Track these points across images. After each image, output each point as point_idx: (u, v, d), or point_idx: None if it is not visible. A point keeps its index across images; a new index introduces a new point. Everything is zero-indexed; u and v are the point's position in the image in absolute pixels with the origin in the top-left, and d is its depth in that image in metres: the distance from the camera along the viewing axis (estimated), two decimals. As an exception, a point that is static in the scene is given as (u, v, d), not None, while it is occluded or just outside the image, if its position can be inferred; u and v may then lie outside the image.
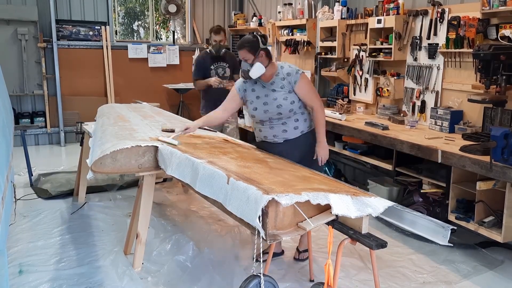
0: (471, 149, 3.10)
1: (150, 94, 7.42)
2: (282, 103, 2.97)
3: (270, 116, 3.02)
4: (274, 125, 3.06)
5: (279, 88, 2.99)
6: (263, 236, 2.01)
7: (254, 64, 2.93)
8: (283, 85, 2.98)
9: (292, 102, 2.99)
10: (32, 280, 2.93)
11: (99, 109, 4.48)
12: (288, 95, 2.98)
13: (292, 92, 2.99)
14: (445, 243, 1.94)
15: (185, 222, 3.96)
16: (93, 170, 2.73)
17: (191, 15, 8.00)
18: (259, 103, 3.03)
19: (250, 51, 2.94)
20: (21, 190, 4.71)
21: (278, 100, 2.97)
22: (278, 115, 3.00)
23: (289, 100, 2.98)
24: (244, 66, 2.98)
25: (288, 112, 2.99)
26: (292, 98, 2.99)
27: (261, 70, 2.94)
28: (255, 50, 2.94)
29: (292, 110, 2.99)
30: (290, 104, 2.98)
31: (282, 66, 3.04)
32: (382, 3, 4.52)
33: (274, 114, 3.00)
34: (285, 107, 2.97)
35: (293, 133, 3.05)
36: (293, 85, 2.98)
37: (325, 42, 5.37)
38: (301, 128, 3.07)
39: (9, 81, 5.88)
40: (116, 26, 7.97)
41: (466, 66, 3.81)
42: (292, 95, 2.99)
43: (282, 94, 2.98)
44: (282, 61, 3.07)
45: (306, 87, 3.02)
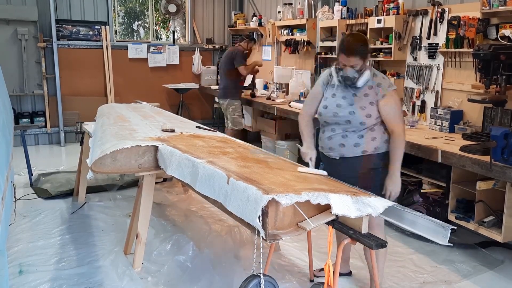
0: (471, 149, 3.10)
1: (150, 94, 7.42)
2: (356, 111, 2.58)
3: (337, 120, 2.63)
4: (334, 135, 2.66)
5: (362, 95, 2.61)
6: (263, 236, 2.01)
7: (363, 73, 2.57)
8: (368, 93, 2.60)
9: (369, 115, 2.58)
10: (32, 280, 2.93)
11: (99, 109, 4.48)
12: (368, 106, 2.58)
13: (375, 105, 2.59)
14: (445, 243, 1.94)
15: (185, 222, 3.96)
16: (93, 170, 2.73)
17: (191, 15, 8.00)
18: (332, 102, 2.67)
19: (361, 58, 2.57)
20: (21, 190, 4.71)
21: (354, 107, 2.59)
22: (346, 122, 2.61)
23: (366, 112, 2.58)
24: (350, 73, 2.57)
25: (358, 124, 2.58)
26: (371, 111, 2.58)
27: (368, 78, 2.59)
28: (366, 57, 2.60)
29: (363, 123, 2.58)
30: (365, 117, 2.57)
31: (375, 74, 2.66)
32: (382, 3, 4.52)
33: (342, 120, 2.61)
34: (357, 117, 2.58)
35: (351, 150, 2.62)
36: (379, 98, 2.58)
37: (325, 42, 5.37)
38: (364, 147, 2.61)
39: (9, 81, 5.87)
40: (116, 26, 7.97)
41: (466, 66, 3.81)
42: (373, 108, 2.59)
43: (362, 103, 2.59)
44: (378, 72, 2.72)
45: (394, 105, 2.60)
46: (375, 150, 2.63)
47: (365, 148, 2.62)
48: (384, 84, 2.60)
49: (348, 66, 2.58)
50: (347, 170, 2.63)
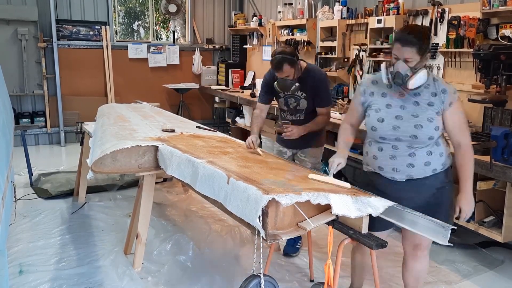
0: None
1: (150, 94, 7.41)
2: (424, 124, 2.20)
3: (400, 136, 2.24)
4: (399, 154, 2.27)
5: (425, 104, 2.22)
6: (263, 236, 2.01)
7: (418, 72, 2.16)
8: (433, 102, 2.22)
9: (437, 128, 2.23)
10: (32, 280, 2.93)
11: (99, 109, 4.48)
12: (435, 116, 2.22)
13: (440, 115, 2.23)
14: (445, 243, 1.94)
15: (185, 222, 3.96)
16: (93, 170, 2.73)
17: (191, 15, 8.00)
18: (390, 114, 2.27)
19: (418, 51, 2.15)
20: (21, 190, 4.71)
21: (419, 118, 2.21)
22: (411, 137, 2.22)
23: (434, 124, 2.21)
24: (402, 69, 2.16)
25: (426, 139, 2.22)
26: (438, 123, 2.23)
27: (423, 81, 2.19)
28: (423, 52, 2.17)
29: (432, 138, 2.23)
30: (434, 130, 2.22)
31: (435, 78, 2.28)
32: (382, 3, 4.52)
33: (407, 135, 2.23)
34: (426, 131, 2.21)
35: (421, 171, 2.27)
36: (446, 107, 2.22)
37: (325, 42, 5.37)
38: (434, 165, 2.28)
39: (9, 81, 5.87)
40: (116, 26, 7.97)
41: (466, 66, 3.81)
42: (439, 119, 2.23)
43: (429, 114, 2.21)
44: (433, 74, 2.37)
45: (461, 115, 2.26)
46: (442, 167, 2.32)
47: (435, 166, 2.28)
48: (449, 90, 2.23)
49: (401, 60, 2.18)
50: (413, 192, 2.30)
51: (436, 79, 2.28)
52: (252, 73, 7.49)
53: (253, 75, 7.41)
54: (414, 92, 2.23)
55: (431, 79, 2.26)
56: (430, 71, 2.34)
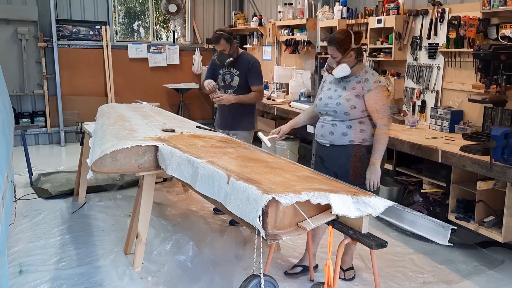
0: (471, 149, 3.10)
1: (150, 94, 7.42)
2: (341, 102, 2.83)
3: (327, 110, 2.90)
4: (325, 123, 2.94)
5: (350, 88, 2.85)
6: (263, 236, 2.01)
7: (340, 64, 2.82)
8: (355, 87, 2.84)
9: (353, 106, 2.81)
10: (32, 280, 2.93)
11: (99, 109, 4.48)
12: (353, 98, 2.82)
13: (361, 98, 2.81)
14: (445, 243, 1.94)
15: (185, 222, 3.96)
16: (93, 170, 2.73)
17: (191, 15, 8.00)
18: (326, 94, 2.96)
19: (339, 49, 2.81)
20: (21, 190, 4.71)
21: (340, 98, 2.85)
22: (333, 112, 2.87)
23: (351, 103, 2.81)
24: (330, 63, 2.89)
25: (343, 114, 2.83)
26: (356, 103, 2.81)
27: (345, 72, 2.82)
28: (345, 49, 2.81)
29: (348, 114, 2.81)
30: (349, 108, 2.81)
31: (367, 71, 2.87)
32: (382, 3, 4.52)
33: (331, 109, 2.88)
34: (343, 107, 2.82)
35: (339, 139, 2.86)
36: (365, 92, 2.80)
37: (326, 42, 5.36)
38: (351, 137, 2.84)
39: (9, 81, 5.87)
40: (116, 26, 7.97)
41: (466, 66, 3.81)
42: (359, 101, 2.81)
43: (348, 95, 2.83)
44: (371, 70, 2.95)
45: (377, 100, 2.79)
46: (362, 142, 2.86)
47: (353, 138, 2.85)
48: (371, 80, 2.81)
49: (330, 56, 2.89)
50: (335, 156, 2.90)
51: (367, 72, 2.87)
52: (252, 73, 7.48)
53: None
54: (345, 80, 2.89)
55: (364, 71, 2.87)
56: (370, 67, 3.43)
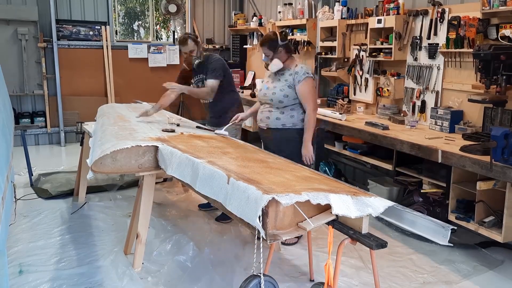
0: (471, 149, 3.10)
1: (150, 94, 7.39)
2: (276, 92, 3.43)
3: (265, 99, 3.50)
4: (264, 110, 3.54)
5: (283, 80, 3.43)
6: (263, 236, 2.01)
7: (273, 60, 3.42)
8: (288, 79, 3.41)
9: (286, 95, 3.41)
10: (32, 280, 2.93)
11: (99, 109, 4.48)
12: (286, 88, 3.41)
13: (293, 88, 3.39)
14: (445, 243, 1.94)
15: (185, 222, 3.96)
16: (93, 170, 2.73)
17: (191, 15, 7.99)
18: (265, 85, 3.56)
19: (269, 48, 3.41)
20: (21, 190, 4.71)
21: (275, 89, 3.44)
22: (270, 101, 3.46)
23: (284, 93, 3.41)
24: (264, 59, 3.55)
25: (277, 102, 3.43)
26: (288, 93, 3.41)
27: (278, 66, 3.42)
28: (274, 47, 3.40)
29: (282, 102, 3.41)
30: (283, 97, 3.41)
31: (296, 65, 3.45)
32: (382, 3, 4.51)
33: (268, 99, 3.47)
34: (277, 96, 3.42)
35: (274, 123, 3.47)
36: (296, 83, 3.37)
37: (325, 42, 5.37)
38: (284, 121, 3.45)
39: (9, 81, 5.87)
40: (116, 26, 7.98)
41: (466, 66, 3.81)
42: (291, 91, 3.40)
43: (281, 86, 3.42)
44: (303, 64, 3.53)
45: (306, 89, 3.39)
46: (292, 125, 3.45)
47: (284, 122, 3.45)
48: (300, 72, 3.38)
49: (264, 55, 3.49)
50: (271, 137, 3.50)
51: (298, 66, 3.43)
52: (252, 73, 7.49)
53: (253, 75, 7.41)
54: (280, 73, 3.47)
55: (294, 65, 3.44)
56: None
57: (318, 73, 5.61)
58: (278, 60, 3.41)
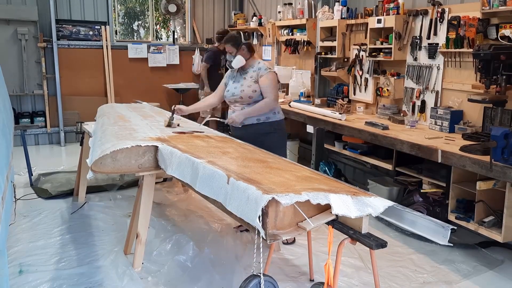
0: (471, 149, 3.10)
1: (150, 94, 7.42)
2: (245, 89, 3.55)
3: (235, 98, 3.60)
4: (236, 109, 3.63)
5: (249, 77, 3.58)
6: (263, 236, 2.01)
7: (236, 57, 3.56)
8: (252, 76, 3.57)
9: (254, 90, 3.54)
10: (32, 280, 2.93)
11: (99, 109, 4.48)
12: (253, 84, 3.55)
13: (257, 83, 3.54)
14: (445, 243, 1.94)
15: (185, 222, 3.96)
16: (93, 170, 2.73)
17: (191, 15, 8.00)
18: (231, 86, 3.66)
19: (233, 45, 3.56)
20: (21, 190, 4.71)
21: (243, 86, 3.57)
22: (240, 99, 3.57)
23: (252, 88, 3.54)
24: (229, 58, 3.62)
25: (247, 98, 3.55)
26: (255, 88, 3.54)
27: (241, 62, 3.58)
28: (238, 45, 3.56)
29: (251, 97, 3.54)
30: (251, 92, 3.54)
31: (259, 62, 3.65)
32: (382, 3, 4.51)
33: (237, 97, 3.58)
34: (246, 93, 3.54)
35: (249, 119, 3.57)
36: (258, 78, 3.54)
37: (325, 42, 5.37)
38: (257, 116, 3.57)
39: (9, 81, 5.87)
40: (116, 26, 7.97)
41: (466, 66, 3.81)
42: (257, 85, 3.54)
43: (248, 82, 3.56)
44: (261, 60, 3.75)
45: (267, 82, 3.54)
46: (266, 119, 3.59)
47: (258, 117, 3.57)
48: (262, 68, 3.57)
49: (228, 53, 3.61)
50: (248, 134, 3.56)
51: (259, 62, 3.62)
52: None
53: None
54: (244, 72, 3.61)
55: (257, 63, 3.62)
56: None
57: (318, 73, 5.61)
58: (241, 56, 3.55)
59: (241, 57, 3.56)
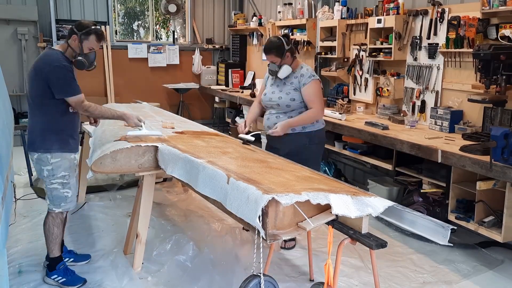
0: (471, 149, 3.10)
1: (150, 94, 7.41)
2: (283, 96, 3.33)
3: (272, 104, 3.40)
4: (271, 116, 3.43)
5: (289, 83, 3.33)
6: (263, 236, 2.01)
7: (282, 66, 3.29)
8: (293, 82, 3.32)
9: (293, 99, 3.31)
10: (32, 280, 2.93)
11: (99, 109, 4.46)
12: (292, 91, 3.31)
13: (298, 91, 3.30)
14: (445, 243, 1.94)
15: (185, 222, 3.96)
16: (93, 170, 2.73)
17: (191, 15, 8.00)
18: (270, 90, 3.44)
19: (277, 55, 3.27)
20: (21, 190, 4.71)
21: (282, 93, 3.34)
22: (276, 106, 3.37)
23: (290, 96, 3.31)
24: (273, 67, 3.33)
25: (285, 106, 3.33)
26: (294, 96, 3.31)
27: (288, 71, 3.31)
28: (282, 53, 3.27)
29: (289, 106, 3.32)
30: (290, 100, 3.31)
31: (302, 66, 3.36)
32: (382, 3, 4.52)
33: (274, 103, 3.37)
34: (284, 101, 3.32)
35: None
36: (301, 86, 3.29)
37: (325, 42, 5.37)
38: None
39: (9, 81, 5.85)
40: (116, 26, 7.97)
41: (466, 66, 3.81)
42: (297, 94, 3.31)
43: (288, 89, 3.32)
44: (305, 64, 3.44)
45: (312, 91, 3.29)
46: (302, 129, 3.32)
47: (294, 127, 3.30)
48: (305, 75, 3.30)
49: (270, 62, 3.33)
50: (281, 143, 3.31)
51: (302, 67, 3.34)
52: (252, 73, 7.50)
53: (253, 75, 7.41)
54: (285, 77, 3.33)
55: (299, 67, 3.34)
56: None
57: (318, 73, 5.61)
58: (287, 66, 3.29)
59: (287, 67, 3.28)
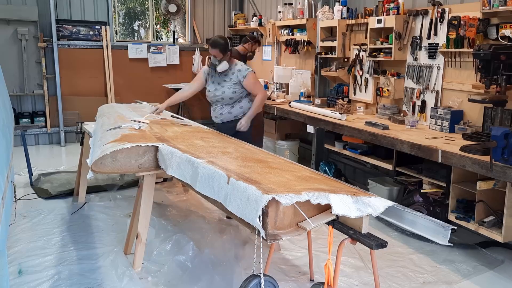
0: (471, 149, 3.10)
1: (150, 94, 7.41)
2: (226, 91, 3.90)
3: (217, 99, 3.96)
4: (216, 107, 4.01)
5: (228, 79, 3.90)
6: (263, 236, 2.01)
7: (221, 62, 3.85)
8: (232, 78, 3.89)
9: (234, 92, 3.90)
10: (31, 280, 2.93)
11: (99, 109, 4.47)
12: (233, 85, 3.89)
13: (238, 84, 3.89)
14: (445, 243, 1.94)
15: (185, 222, 3.96)
16: (93, 170, 2.73)
17: (191, 15, 8.00)
18: (212, 87, 3.99)
19: (221, 51, 3.83)
20: (21, 190, 4.71)
21: (223, 88, 3.91)
22: (221, 99, 3.93)
23: (232, 89, 3.89)
24: (214, 61, 3.88)
25: (228, 99, 3.91)
26: (235, 89, 3.90)
27: (226, 67, 3.87)
28: (225, 51, 3.85)
29: (232, 98, 3.91)
30: (232, 93, 3.89)
31: (236, 64, 3.95)
32: (382, 3, 4.51)
33: (219, 97, 3.93)
34: (227, 94, 3.89)
35: (227, 116, 3.95)
36: (241, 79, 3.87)
37: (325, 42, 5.37)
38: (235, 113, 3.95)
39: (9, 81, 5.88)
40: (116, 26, 7.97)
41: (466, 66, 3.81)
42: (237, 87, 3.90)
43: (229, 84, 3.89)
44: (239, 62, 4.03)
45: (252, 81, 3.91)
46: (243, 114, 3.95)
47: (235, 114, 3.96)
48: (242, 70, 3.89)
49: (213, 56, 3.86)
50: (228, 129, 3.86)
51: (236, 64, 3.94)
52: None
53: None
54: (225, 73, 3.90)
55: (234, 65, 3.92)
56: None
57: (318, 73, 5.61)
58: (226, 62, 3.85)
59: (226, 63, 3.85)
